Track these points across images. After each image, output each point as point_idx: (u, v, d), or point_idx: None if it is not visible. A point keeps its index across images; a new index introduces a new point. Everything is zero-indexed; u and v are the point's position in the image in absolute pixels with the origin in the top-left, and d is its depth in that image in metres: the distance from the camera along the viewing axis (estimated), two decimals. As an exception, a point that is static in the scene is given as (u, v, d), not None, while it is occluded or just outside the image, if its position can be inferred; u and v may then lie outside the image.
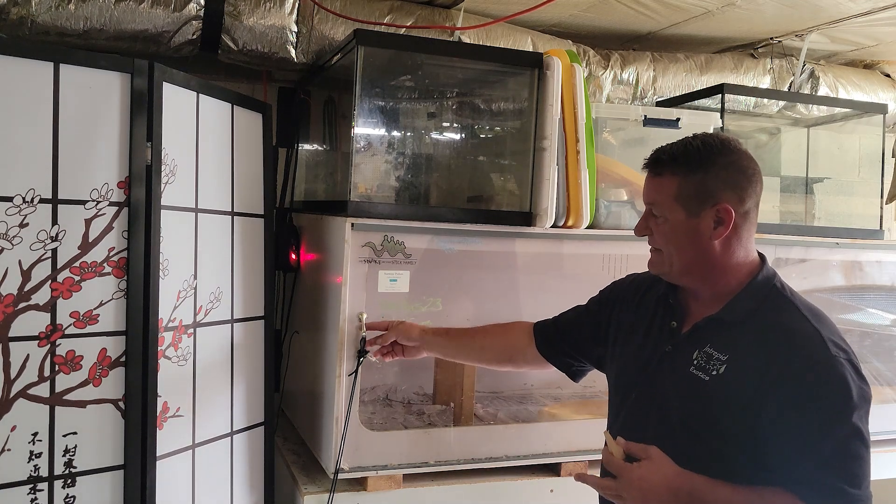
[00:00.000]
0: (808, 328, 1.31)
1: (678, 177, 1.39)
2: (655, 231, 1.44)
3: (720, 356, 1.35)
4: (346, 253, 2.02)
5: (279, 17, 2.44)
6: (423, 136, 2.73)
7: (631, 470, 1.31)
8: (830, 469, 1.23)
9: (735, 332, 1.36)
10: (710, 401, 1.34)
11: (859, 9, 2.72)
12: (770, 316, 1.35)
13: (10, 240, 1.63)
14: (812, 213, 3.27)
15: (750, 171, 1.40)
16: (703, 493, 1.28)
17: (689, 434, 1.36)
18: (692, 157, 1.39)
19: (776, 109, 3.22)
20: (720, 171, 1.38)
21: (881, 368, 2.90)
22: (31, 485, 1.67)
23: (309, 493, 2.06)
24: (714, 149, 1.40)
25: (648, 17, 2.85)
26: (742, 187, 1.38)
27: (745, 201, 1.38)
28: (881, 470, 2.46)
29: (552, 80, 2.20)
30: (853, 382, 1.26)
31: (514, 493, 2.22)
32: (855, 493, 1.22)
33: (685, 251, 1.40)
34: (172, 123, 1.86)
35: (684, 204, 1.38)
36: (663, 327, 1.48)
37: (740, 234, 1.39)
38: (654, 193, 1.43)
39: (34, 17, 2.22)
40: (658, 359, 1.45)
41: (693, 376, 1.37)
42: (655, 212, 1.43)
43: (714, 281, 1.41)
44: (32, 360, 1.67)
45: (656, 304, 1.53)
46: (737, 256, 1.40)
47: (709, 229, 1.37)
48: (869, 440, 1.26)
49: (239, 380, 2.14)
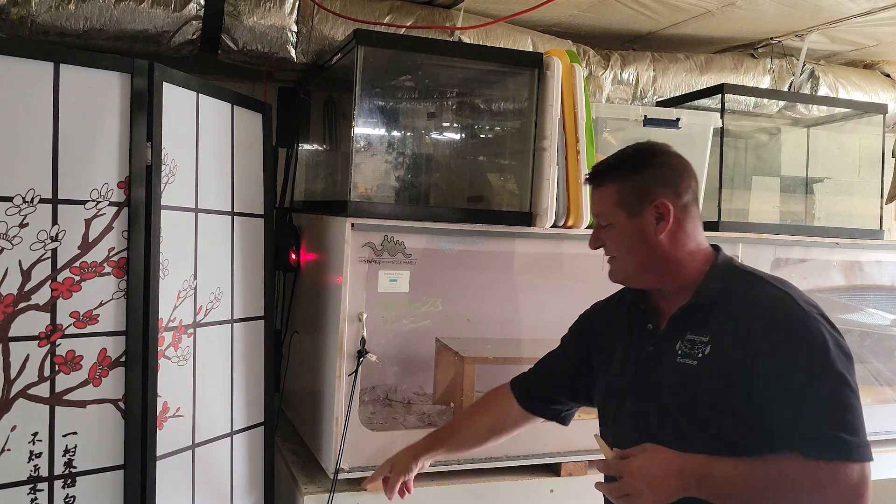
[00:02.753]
0: (777, 292, 1.37)
1: (616, 183, 1.47)
2: (606, 240, 1.52)
3: (702, 338, 1.39)
4: (346, 253, 2.02)
5: (279, 17, 2.44)
6: (423, 136, 2.73)
7: (628, 464, 1.32)
8: (825, 420, 1.25)
9: (710, 313, 1.41)
10: (704, 382, 1.37)
11: (859, 9, 2.72)
12: (740, 291, 1.40)
13: (10, 240, 1.63)
14: (812, 213, 3.28)
15: (681, 168, 1.48)
16: (708, 468, 1.29)
17: (690, 422, 1.38)
18: (626, 163, 1.48)
19: (776, 109, 3.22)
20: (653, 170, 1.46)
21: (881, 368, 2.90)
22: (31, 485, 1.67)
23: (309, 493, 2.06)
24: (645, 153, 1.49)
25: (648, 17, 2.86)
26: (676, 182, 1.46)
27: (682, 195, 1.46)
28: (881, 470, 2.46)
29: (552, 80, 2.20)
30: (829, 334, 1.31)
31: (514, 493, 2.23)
32: (853, 440, 1.24)
33: (636, 252, 1.47)
34: (172, 123, 1.86)
35: (626, 207, 1.46)
36: (641, 333, 1.52)
37: (684, 226, 1.46)
38: (598, 204, 1.52)
39: (34, 17, 2.22)
40: (644, 362, 1.48)
41: (681, 365, 1.40)
42: (602, 222, 1.51)
43: (673, 275, 1.47)
44: (32, 360, 1.67)
45: (629, 315, 1.57)
46: (687, 247, 1.47)
47: (652, 225, 1.44)
48: (857, 389, 1.29)
49: (239, 380, 2.14)
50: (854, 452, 1.23)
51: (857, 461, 1.23)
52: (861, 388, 1.33)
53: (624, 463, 1.33)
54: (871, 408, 2.68)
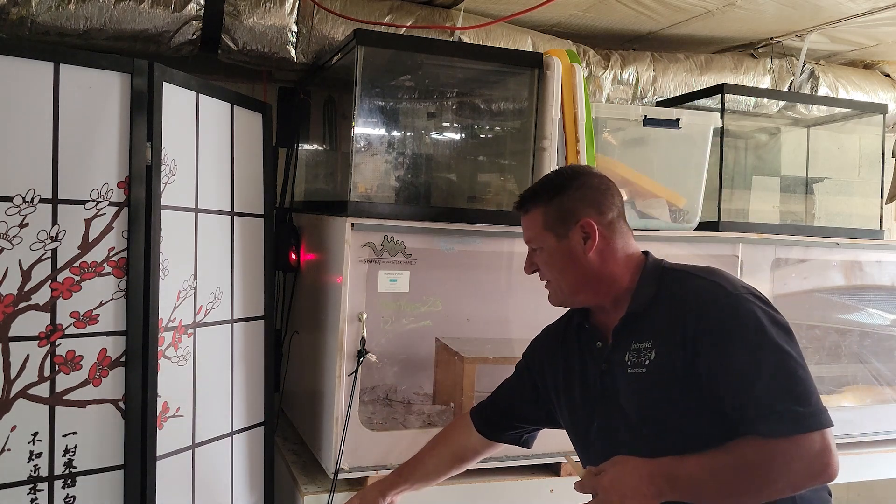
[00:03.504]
0: (705, 283, 1.40)
1: (541, 207, 1.51)
2: (539, 264, 1.55)
3: (646, 345, 1.41)
4: (346, 253, 2.02)
5: (279, 17, 2.44)
6: (423, 135, 2.73)
7: (600, 479, 1.35)
8: (775, 395, 1.26)
9: (648, 319, 1.43)
10: (656, 386, 1.38)
11: (859, 9, 2.72)
12: (670, 290, 1.43)
13: (10, 240, 1.63)
14: (812, 213, 3.28)
15: (603, 187, 1.52)
16: (675, 469, 1.31)
17: (654, 428, 1.40)
18: (549, 188, 1.53)
19: (776, 109, 3.22)
20: (575, 192, 1.49)
21: (881, 368, 2.89)
22: (31, 485, 1.67)
23: (309, 493, 2.06)
24: (566, 176, 1.54)
25: (648, 17, 2.86)
26: (598, 201, 1.50)
27: (606, 213, 1.50)
28: (881, 470, 2.45)
29: (552, 80, 2.20)
30: (761, 311, 1.32)
31: (514, 493, 2.23)
32: (805, 410, 1.24)
33: (568, 273, 1.50)
34: (172, 123, 1.86)
35: (553, 229, 1.50)
36: (592, 351, 1.54)
37: (611, 242, 1.49)
38: (528, 230, 1.55)
39: (34, 17, 2.21)
40: (600, 380, 1.50)
41: (633, 375, 1.42)
42: (533, 245, 1.55)
43: (606, 290, 1.50)
44: (32, 360, 1.67)
45: (577, 336, 1.60)
46: (617, 261, 1.49)
47: (580, 245, 1.47)
48: (802, 359, 1.30)
49: (239, 380, 2.14)
50: (810, 422, 1.23)
51: (816, 429, 1.23)
52: (861, 388, 1.33)
53: (597, 479, 1.35)
54: (871, 408, 2.69)
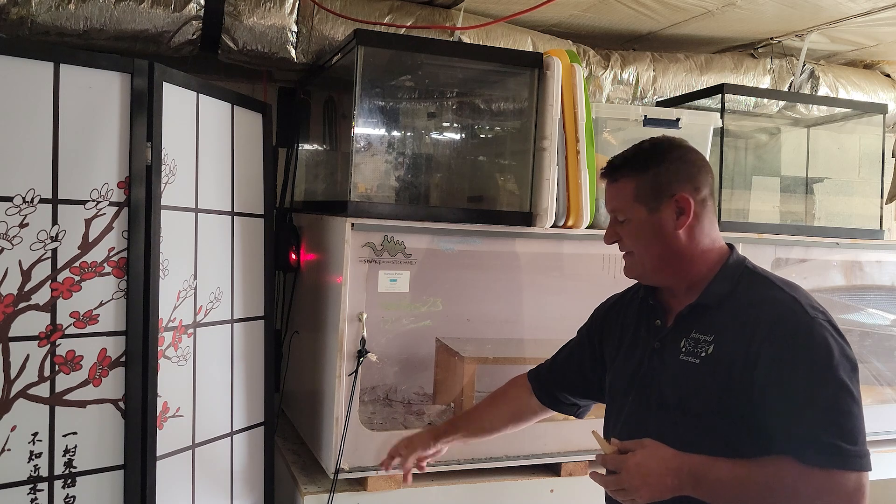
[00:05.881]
0: (783, 296, 1.36)
1: (633, 178, 1.45)
2: (623, 235, 1.50)
3: (706, 338, 1.39)
4: (346, 253, 2.02)
5: (279, 17, 2.44)
6: (423, 136, 2.73)
7: (626, 459, 1.33)
8: (824, 427, 1.24)
9: (716, 314, 1.41)
10: (705, 380, 1.37)
11: (859, 9, 2.72)
12: (746, 293, 1.40)
13: (10, 240, 1.63)
14: (812, 213, 3.28)
15: (700, 163, 1.47)
16: (705, 469, 1.29)
17: (690, 420, 1.38)
18: (643, 158, 1.46)
19: (776, 109, 3.22)
20: (671, 165, 1.44)
21: (881, 368, 2.90)
22: (31, 485, 1.67)
23: (309, 493, 2.06)
24: (662, 147, 1.47)
25: (648, 17, 2.86)
26: (694, 176, 1.44)
27: (700, 190, 1.44)
28: (881, 470, 2.46)
29: (552, 80, 2.20)
30: (833, 340, 1.29)
31: (514, 493, 2.23)
32: (851, 448, 1.23)
33: (653, 247, 1.46)
34: (172, 123, 1.86)
35: (644, 202, 1.44)
36: (650, 328, 1.52)
37: (702, 221, 1.45)
38: (615, 199, 1.50)
39: (34, 17, 2.22)
40: (649, 357, 1.49)
41: (684, 362, 1.40)
42: (619, 217, 1.49)
43: (686, 272, 1.46)
44: (32, 360, 1.67)
45: (639, 310, 1.58)
46: (703, 244, 1.46)
47: (671, 220, 1.43)
48: (859, 398, 1.28)
49: (239, 380, 2.14)
50: (851, 461, 1.22)
51: (854, 470, 1.22)
52: (861, 388, 1.32)
53: (622, 458, 1.33)
54: (871, 408, 2.68)
